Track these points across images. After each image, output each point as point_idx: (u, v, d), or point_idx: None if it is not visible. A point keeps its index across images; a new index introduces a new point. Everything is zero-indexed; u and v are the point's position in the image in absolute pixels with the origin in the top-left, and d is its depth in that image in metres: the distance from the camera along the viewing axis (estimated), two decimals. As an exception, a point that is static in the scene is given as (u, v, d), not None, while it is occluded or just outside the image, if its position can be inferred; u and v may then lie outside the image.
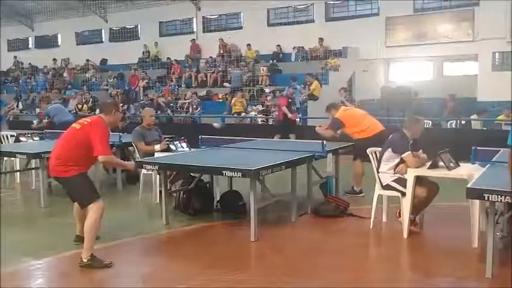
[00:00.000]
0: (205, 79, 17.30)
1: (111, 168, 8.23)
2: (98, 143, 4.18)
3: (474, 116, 10.99)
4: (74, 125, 4.45)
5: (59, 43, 23.50)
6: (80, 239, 4.59)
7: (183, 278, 4.01)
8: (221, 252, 4.62)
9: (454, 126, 10.96)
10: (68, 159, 4.25)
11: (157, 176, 6.29)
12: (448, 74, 16.81)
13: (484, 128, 10.79)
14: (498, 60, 14.31)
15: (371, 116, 7.06)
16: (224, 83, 16.73)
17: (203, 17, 19.60)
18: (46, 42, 23.71)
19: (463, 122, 10.90)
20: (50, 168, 4.44)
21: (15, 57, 23.57)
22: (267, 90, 15.27)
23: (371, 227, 5.27)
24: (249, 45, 17.53)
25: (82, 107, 16.58)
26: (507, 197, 3.50)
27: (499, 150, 5.18)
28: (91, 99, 17.01)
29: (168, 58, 18.86)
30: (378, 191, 5.28)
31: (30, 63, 22.76)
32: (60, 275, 4.27)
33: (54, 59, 21.89)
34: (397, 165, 5.08)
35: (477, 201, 4.39)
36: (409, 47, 15.54)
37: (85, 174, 4.36)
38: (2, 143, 8.48)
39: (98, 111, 4.68)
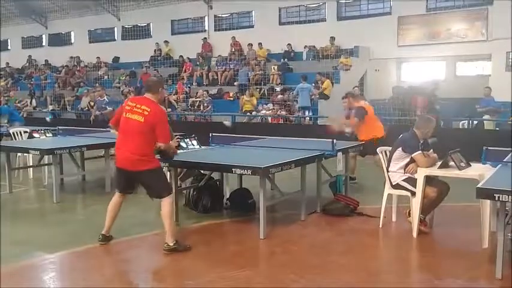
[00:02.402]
0: (216, 77, 17.34)
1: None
2: (164, 132, 4.41)
3: (487, 117, 10.89)
4: (132, 116, 4.38)
5: (72, 41, 23.72)
6: (106, 239, 4.66)
7: (192, 274, 4.05)
8: (230, 250, 4.65)
9: (466, 126, 10.88)
10: (147, 151, 4.41)
11: (168, 173, 6.33)
12: (461, 74, 16.68)
13: (497, 129, 10.70)
14: (512, 60, 14.16)
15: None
16: (235, 82, 16.75)
17: (215, 16, 19.65)
18: (59, 40, 23.93)
19: (476, 122, 10.81)
20: (125, 162, 4.44)
21: (29, 56, 23.81)
22: (278, 89, 15.27)
23: (380, 226, 5.26)
24: (260, 44, 17.54)
25: (94, 104, 16.69)
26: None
27: (511, 150, 5.15)
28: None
29: (181, 56, 18.93)
30: (388, 190, 5.27)
31: (46, 60, 22.96)
32: (72, 270, 4.32)
33: (71, 57, 22.10)
34: (407, 164, 5.06)
35: (488, 202, 4.37)
36: (422, 46, 15.43)
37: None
38: (15, 139, 8.61)
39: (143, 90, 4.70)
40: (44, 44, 24.59)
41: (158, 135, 4.38)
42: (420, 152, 4.93)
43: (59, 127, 8.86)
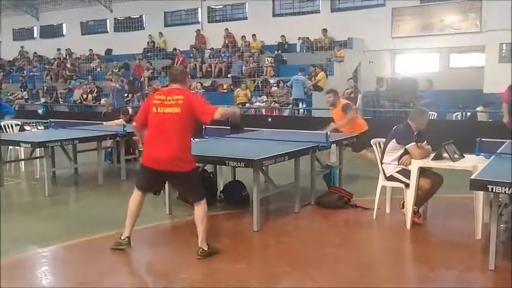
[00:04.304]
0: (210, 69, 17.26)
1: (115, 157, 8.29)
2: (206, 107, 4.06)
3: (480, 108, 10.92)
4: (166, 110, 4.02)
5: (64, 33, 23.48)
6: (129, 241, 4.31)
7: (186, 267, 4.03)
8: (224, 242, 4.62)
9: (459, 118, 10.91)
10: (187, 149, 4.10)
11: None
12: (455, 66, 16.73)
13: (490, 120, 10.73)
14: (505, 51, 14.17)
15: None
16: (229, 74, 16.68)
17: (208, 7, 19.50)
18: (51, 32, 23.66)
19: (469, 113, 10.84)
20: (163, 163, 4.03)
21: (22, 47, 23.56)
22: (271, 81, 15.23)
23: (374, 218, 5.26)
24: (254, 35, 17.45)
25: (87, 96, 16.61)
26: (511, 188, 3.47)
27: (504, 142, 5.16)
28: (96, 89, 17.04)
29: (175, 49, 18.79)
30: (382, 182, 5.26)
31: (35, 53, 22.74)
32: (64, 263, 4.30)
33: (59, 49, 21.89)
34: (401, 156, 5.05)
35: (481, 193, 4.39)
36: (416, 38, 15.41)
37: None
38: (6, 132, 8.52)
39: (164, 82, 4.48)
40: (35, 36, 24.32)
41: (202, 113, 3.99)
42: (414, 143, 4.91)
43: (51, 120, 8.79)
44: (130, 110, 9.87)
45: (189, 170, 4.10)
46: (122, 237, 4.31)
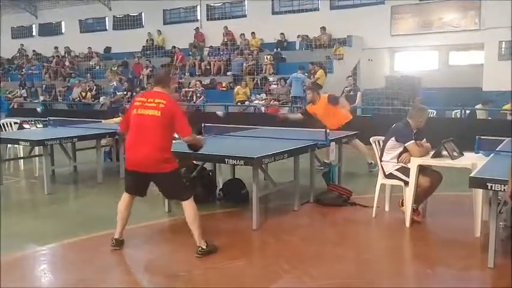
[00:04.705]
0: (208, 67, 17.24)
1: (114, 155, 8.28)
2: (184, 124, 4.05)
3: (479, 106, 10.93)
4: (146, 112, 4.00)
5: (63, 31, 23.43)
6: (119, 243, 4.32)
7: (185, 265, 4.02)
8: (223, 241, 4.61)
9: (458, 116, 10.92)
10: (167, 150, 4.06)
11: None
12: (454, 64, 16.73)
13: (489, 118, 10.74)
14: (504, 49, 14.17)
15: None
16: (228, 72, 16.66)
17: (207, 5, 19.48)
18: (50, 29, 23.62)
19: (468, 111, 10.85)
20: (142, 164, 4.03)
21: (21, 44, 23.50)
22: (271, 78, 15.22)
23: (373, 216, 5.26)
24: (253, 33, 17.43)
25: (86, 95, 16.58)
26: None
27: (504, 139, 5.16)
28: (95, 87, 17.00)
29: (174, 47, 18.77)
30: (381, 180, 5.26)
31: (34, 51, 22.70)
32: (63, 262, 4.29)
33: (56, 47, 21.85)
34: (400, 154, 5.05)
35: (480, 191, 4.38)
36: (415, 36, 15.41)
37: None
38: (5, 130, 8.51)
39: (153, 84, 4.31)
40: (34, 34, 24.28)
41: (179, 128, 4.04)
42: (413, 141, 4.91)
43: (50, 118, 8.77)
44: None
45: (170, 171, 4.07)
46: (111, 239, 4.31)
